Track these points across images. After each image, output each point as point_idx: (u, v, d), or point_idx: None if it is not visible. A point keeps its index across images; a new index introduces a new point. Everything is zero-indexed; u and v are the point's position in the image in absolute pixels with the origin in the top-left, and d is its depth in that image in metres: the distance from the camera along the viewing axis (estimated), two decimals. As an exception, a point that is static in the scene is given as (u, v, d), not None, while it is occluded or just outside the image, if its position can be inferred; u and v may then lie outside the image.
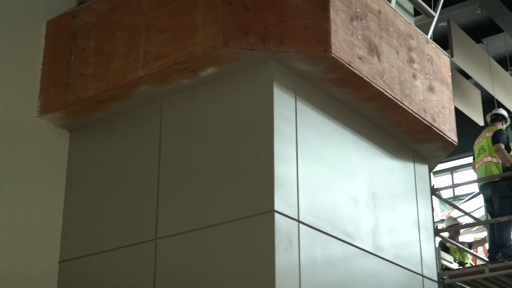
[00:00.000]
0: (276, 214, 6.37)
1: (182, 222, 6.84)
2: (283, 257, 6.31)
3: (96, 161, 7.64)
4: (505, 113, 11.42)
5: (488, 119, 11.57)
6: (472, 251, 12.49)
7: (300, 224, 6.60)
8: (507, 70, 17.15)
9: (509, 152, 10.68)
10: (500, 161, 10.64)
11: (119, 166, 7.47)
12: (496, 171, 10.65)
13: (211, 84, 7.10)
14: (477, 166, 11.05)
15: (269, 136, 6.62)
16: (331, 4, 6.81)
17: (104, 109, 7.52)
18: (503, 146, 10.61)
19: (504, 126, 11.25)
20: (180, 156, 7.09)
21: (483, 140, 11.00)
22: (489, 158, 10.78)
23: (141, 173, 7.28)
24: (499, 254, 10.41)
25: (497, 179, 10.60)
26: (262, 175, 6.54)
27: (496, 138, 10.73)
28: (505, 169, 10.57)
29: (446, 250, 12.36)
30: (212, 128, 7.00)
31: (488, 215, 11.14)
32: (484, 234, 14.04)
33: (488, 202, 10.88)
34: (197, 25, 6.81)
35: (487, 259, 10.95)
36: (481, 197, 12.58)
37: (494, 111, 11.51)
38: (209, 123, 7.03)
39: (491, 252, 10.73)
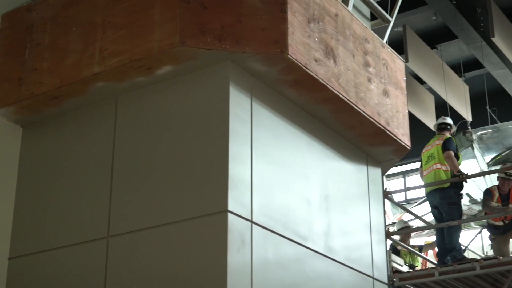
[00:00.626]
0: (229, 214, 6.37)
1: (135, 221, 6.80)
2: (235, 257, 6.32)
3: (49, 157, 7.56)
4: (451, 121, 11.59)
5: (435, 128, 11.73)
6: (422, 254, 12.63)
7: (253, 225, 6.61)
8: (460, 76, 17.36)
9: (457, 160, 10.89)
10: (449, 169, 10.82)
11: (72, 163, 7.40)
12: (445, 178, 10.82)
13: (167, 83, 7.08)
14: (425, 172, 11.21)
15: (224, 136, 6.62)
16: (288, 5, 6.83)
17: (58, 105, 7.45)
18: (453, 154, 10.80)
19: (450, 134, 11.43)
20: (134, 154, 7.06)
21: (432, 148, 11.16)
22: (439, 165, 10.95)
23: (94, 170, 7.22)
24: (448, 257, 10.56)
25: (445, 186, 10.77)
26: (216, 175, 6.53)
27: (446, 145, 10.93)
28: (453, 176, 10.75)
29: (397, 253, 12.48)
30: (167, 127, 6.98)
31: (435, 220, 11.30)
32: (434, 237, 14.21)
33: (435, 208, 11.05)
34: (154, 23, 6.78)
35: (437, 263, 11.09)
36: (431, 201, 12.71)
37: (441, 120, 11.67)
38: (164, 121, 7.01)
39: (440, 256, 10.88)
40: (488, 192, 11.35)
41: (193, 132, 6.82)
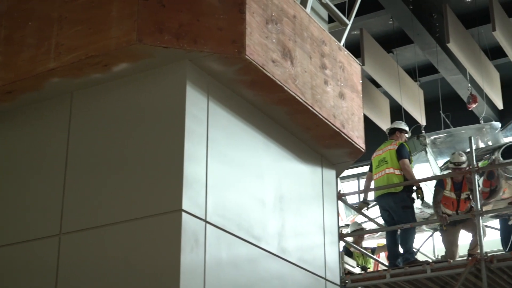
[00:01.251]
0: (183, 214, 6.36)
1: (88, 218, 6.75)
2: (188, 257, 6.30)
3: (1, 152, 7.47)
4: (405, 127, 11.69)
5: (387, 132, 11.84)
6: (374, 256, 12.74)
7: (207, 224, 6.60)
8: (415, 80, 17.57)
9: (410, 163, 11.03)
10: (402, 173, 10.94)
11: (25, 158, 7.32)
12: (397, 182, 10.93)
13: (124, 80, 7.03)
14: (375, 176, 11.30)
15: (179, 135, 6.60)
16: (247, 6, 6.84)
17: (12, 100, 7.36)
18: (408, 162, 10.94)
19: (404, 139, 11.52)
20: (88, 151, 7.00)
21: (384, 153, 11.26)
22: (391, 170, 11.06)
23: (47, 166, 7.15)
24: (399, 260, 10.67)
25: (398, 190, 10.89)
26: (171, 173, 6.51)
27: (401, 153, 11.04)
28: (405, 180, 10.89)
29: (350, 254, 12.57)
30: (122, 125, 6.93)
31: (385, 223, 11.41)
32: (387, 240, 14.32)
33: (386, 211, 11.15)
34: (111, 20, 6.73)
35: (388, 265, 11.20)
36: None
37: (393, 125, 11.78)
38: (120, 119, 6.96)
39: (391, 258, 10.99)
40: (440, 183, 11.46)
41: (149, 130, 6.79)
